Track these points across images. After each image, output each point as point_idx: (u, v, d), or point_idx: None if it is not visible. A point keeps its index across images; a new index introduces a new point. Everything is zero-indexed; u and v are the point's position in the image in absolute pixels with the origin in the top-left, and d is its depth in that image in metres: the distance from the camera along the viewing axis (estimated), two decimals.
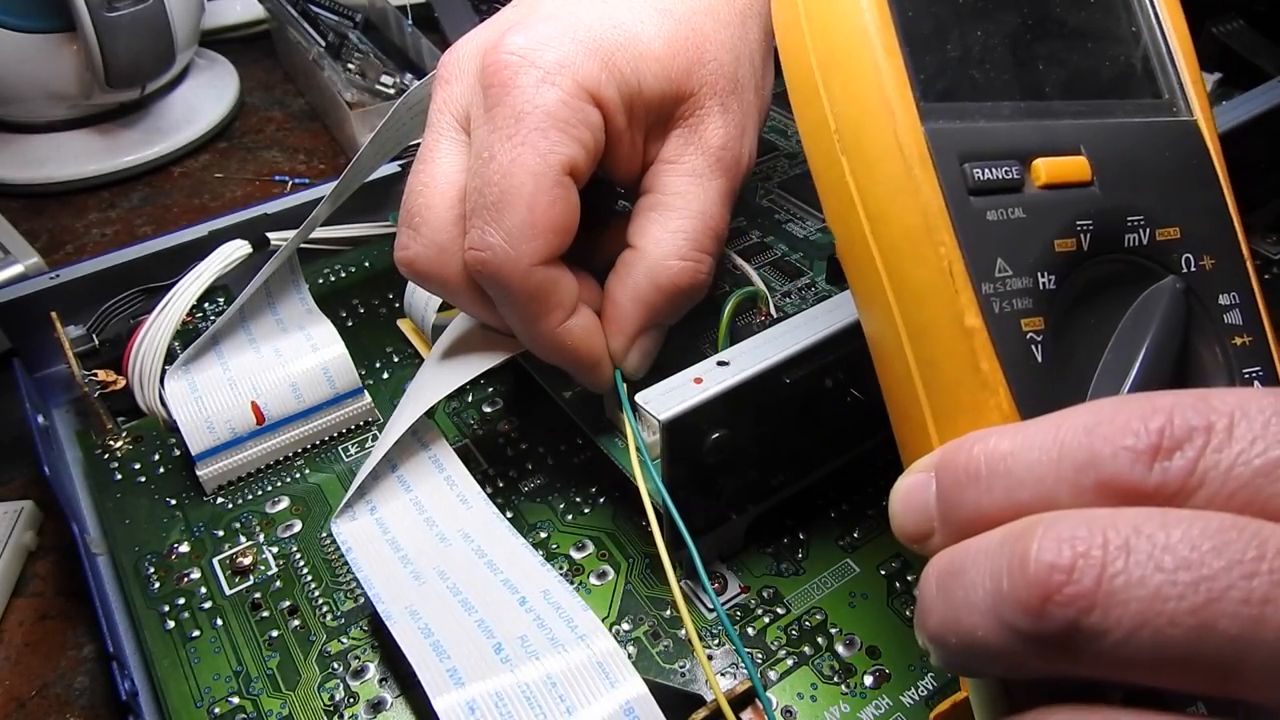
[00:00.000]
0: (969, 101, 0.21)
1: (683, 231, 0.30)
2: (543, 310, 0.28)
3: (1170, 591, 0.14)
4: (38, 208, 0.57)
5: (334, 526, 0.31)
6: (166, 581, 0.32)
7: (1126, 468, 0.16)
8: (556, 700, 0.25)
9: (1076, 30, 0.23)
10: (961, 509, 0.18)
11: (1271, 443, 0.15)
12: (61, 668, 0.33)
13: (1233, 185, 0.23)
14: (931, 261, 0.20)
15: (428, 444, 0.33)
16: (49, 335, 0.38)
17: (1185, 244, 0.21)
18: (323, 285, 0.45)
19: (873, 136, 0.21)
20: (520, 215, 0.27)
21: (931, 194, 0.20)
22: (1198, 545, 0.14)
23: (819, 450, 0.32)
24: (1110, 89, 0.23)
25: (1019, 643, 0.16)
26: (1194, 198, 0.22)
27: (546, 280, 0.28)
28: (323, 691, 0.29)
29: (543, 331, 0.29)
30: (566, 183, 0.27)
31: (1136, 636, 0.14)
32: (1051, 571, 0.15)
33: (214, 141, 0.63)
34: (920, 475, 0.19)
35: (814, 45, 0.22)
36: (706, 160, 0.30)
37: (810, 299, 0.38)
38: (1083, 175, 0.21)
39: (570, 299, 0.29)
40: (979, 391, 0.19)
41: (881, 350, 0.22)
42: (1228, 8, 0.53)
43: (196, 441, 0.35)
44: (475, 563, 0.29)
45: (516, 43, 0.27)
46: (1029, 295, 0.20)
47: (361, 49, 0.65)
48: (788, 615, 0.30)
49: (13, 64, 0.55)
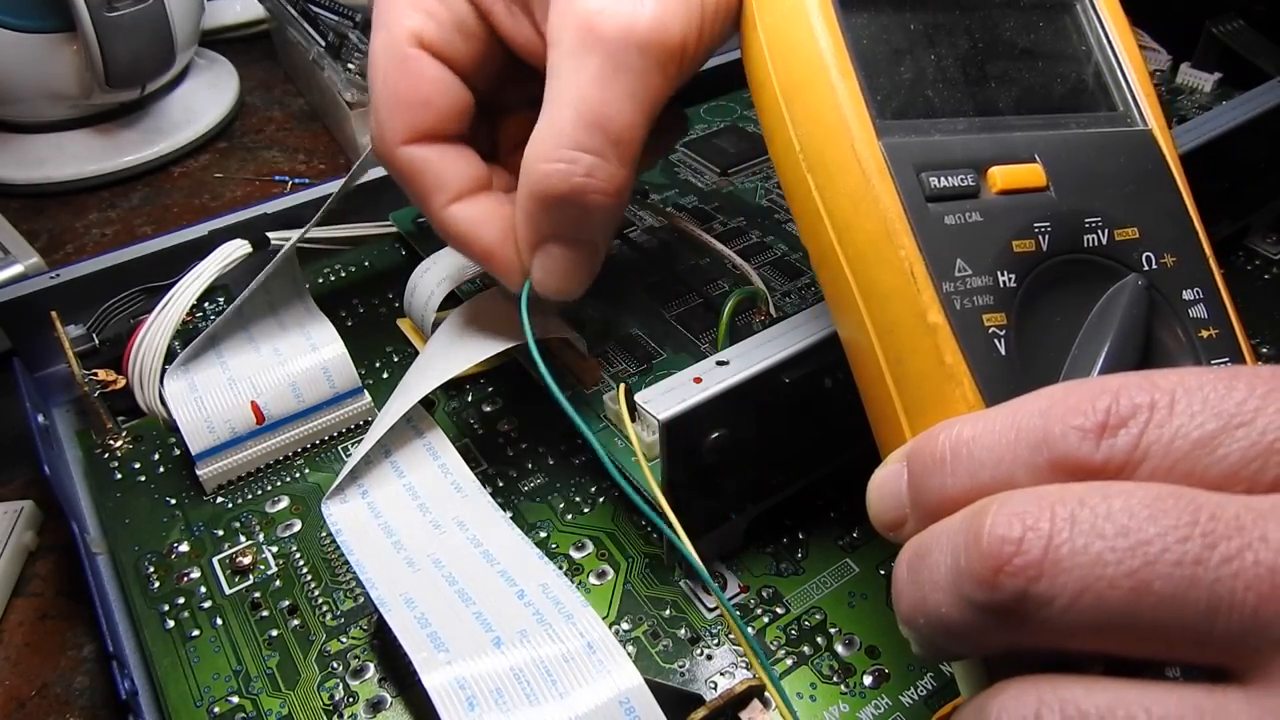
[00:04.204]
0: (924, 118, 0.23)
1: (550, 127, 0.25)
2: (421, 191, 0.29)
3: (1109, 557, 0.15)
4: (38, 208, 0.57)
5: (324, 508, 0.31)
6: (166, 581, 0.32)
7: (1075, 445, 0.17)
8: (550, 684, 0.25)
9: (1028, 50, 0.25)
10: (929, 494, 0.19)
11: (1209, 416, 0.16)
12: (61, 668, 0.33)
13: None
14: (894, 264, 0.21)
15: (422, 431, 0.33)
16: (49, 335, 0.38)
17: (1145, 243, 0.23)
18: (323, 285, 0.45)
19: (833, 153, 0.23)
20: (379, 96, 0.28)
21: (890, 202, 0.22)
22: (1136, 513, 0.15)
23: (819, 450, 0.32)
24: (1064, 103, 0.25)
25: (977, 616, 0.16)
26: (1151, 200, 0.24)
27: (416, 159, 0.28)
28: (322, 691, 0.29)
29: (430, 213, 0.29)
30: (416, 54, 0.28)
31: (1080, 601, 0.15)
32: (1002, 544, 0.16)
33: (214, 141, 0.63)
34: (893, 466, 0.20)
35: (776, 74, 0.24)
36: (577, 33, 0.24)
37: (810, 299, 0.38)
38: (1038, 181, 0.23)
39: (454, 183, 0.29)
40: (945, 383, 0.21)
41: (855, 352, 0.24)
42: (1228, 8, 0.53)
43: (196, 441, 0.35)
44: (471, 552, 0.29)
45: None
46: (989, 293, 0.21)
47: (361, 49, 0.65)
48: (787, 615, 0.30)
49: (13, 64, 0.55)
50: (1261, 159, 0.41)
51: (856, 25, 0.24)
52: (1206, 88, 0.52)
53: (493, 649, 0.26)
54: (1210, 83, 0.52)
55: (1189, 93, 0.52)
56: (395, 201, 0.46)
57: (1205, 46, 0.53)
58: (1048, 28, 0.26)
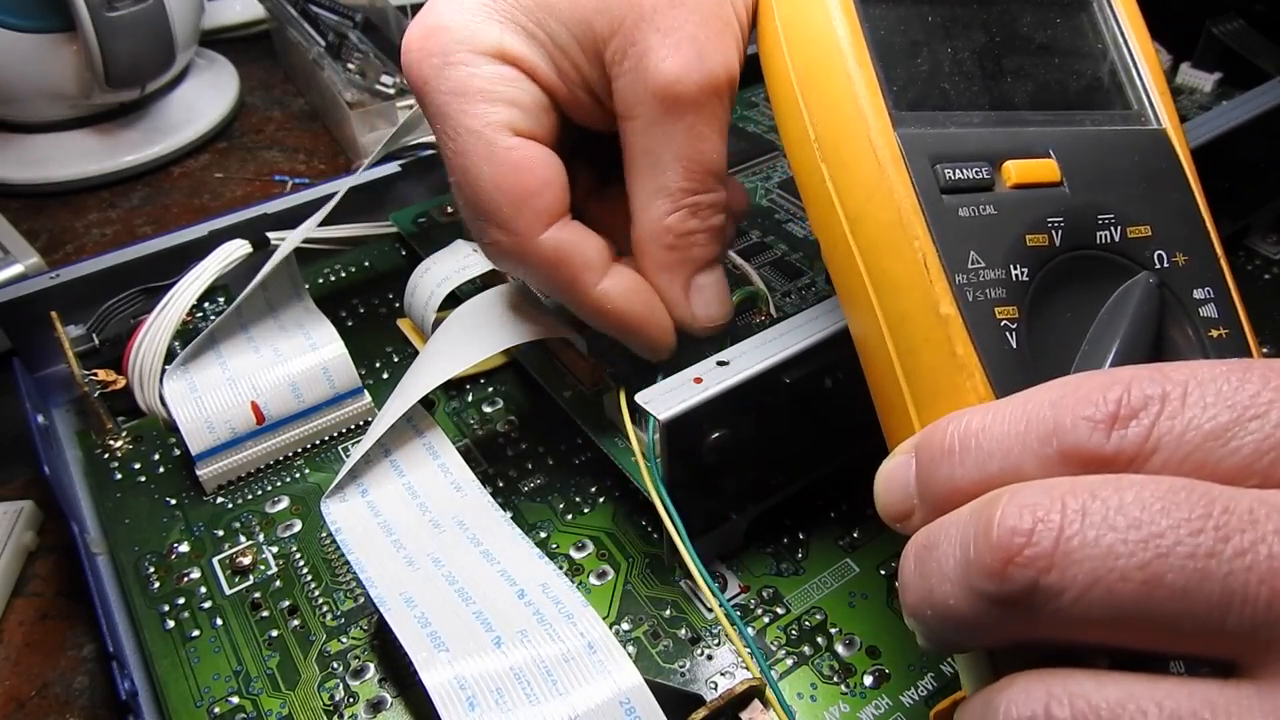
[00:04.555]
0: (940, 111, 0.23)
1: (662, 191, 0.27)
2: (571, 275, 0.27)
3: (1121, 550, 0.15)
4: (38, 208, 0.57)
5: (323, 506, 0.31)
6: (166, 581, 0.32)
7: (1086, 436, 0.17)
8: (550, 684, 0.25)
9: (1044, 46, 0.25)
10: (937, 485, 0.19)
11: (1221, 408, 0.16)
12: (61, 668, 0.33)
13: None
14: (907, 255, 0.21)
15: (422, 430, 0.33)
16: (49, 335, 0.38)
17: (1156, 241, 0.23)
18: (323, 285, 0.45)
19: (848, 143, 0.23)
20: (494, 201, 0.26)
21: (905, 192, 0.22)
22: (1148, 506, 0.15)
23: (819, 450, 0.32)
24: (1079, 100, 0.25)
25: (986, 607, 0.16)
26: (1164, 199, 0.23)
27: (560, 243, 0.27)
28: (322, 691, 0.29)
29: (582, 299, 0.28)
30: (519, 143, 0.27)
31: (1091, 593, 0.15)
32: (1013, 535, 0.16)
33: (214, 141, 0.63)
34: (902, 457, 0.20)
35: (793, 64, 0.24)
36: (662, 105, 0.26)
37: (810, 299, 0.38)
38: (1052, 176, 0.23)
39: (598, 258, 0.28)
40: (956, 375, 0.21)
41: (865, 344, 0.23)
42: (1228, 8, 0.53)
43: (196, 441, 0.35)
44: (470, 550, 0.29)
45: (414, 37, 0.27)
46: (1002, 285, 0.21)
47: (361, 49, 0.65)
48: (787, 615, 0.30)
49: (13, 64, 0.55)
50: (1261, 159, 0.41)
51: (874, 16, 0.23)
52: (1206, 88, 0.52)
53: (493, 649, 0.26)
54: (1210, 83, 0.52)
55: (1189, 93, 0.52)
56: (395, 201, 0.46)
57: (1205, 46, 0.53)
58: (1064, 24, 0.26)
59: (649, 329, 0.29)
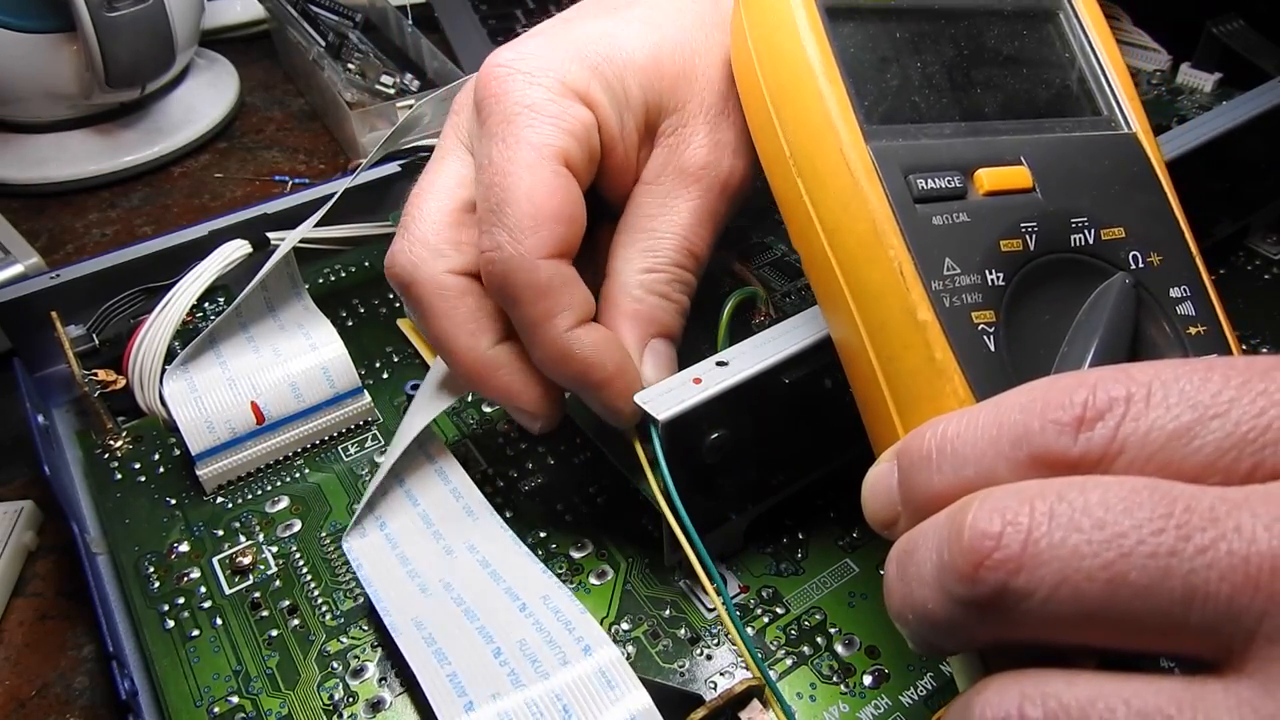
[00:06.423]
0: (911, 123, 0.24)
1: (651, 253, 0.30)
2: (552, 309, 0.27)
3: (1086, 550, 0.15)
4: (38, 208, 0.57)
5: (345, 544, 0.31)
6: (166, 581, 0.32)
7: (1054, 439, 0.17)
8: (561, 712, 0.25)
9: (1012, 58, 0.26)
10: (917, 491, 0.19)
11: (1184, 408, 0.16)
12: (61, 668, 0.33)
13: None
14: (883, 263, 0.22)
15: (433, 456, 0.33)
16: (49, 335, 0.38)
17: (1131, 242, 0.23)
18: (323, 285, 0.45)
19: (823, 158, 0.23)
20: (521, 208, 0.26)
21: (879, 203, 0.22)
22: (1112, 506, 0.16)
23: (819, 450, 0.32)
24: (1049, 109, 0.25)
25: (961, 610, 0.17)
26: (1137, 201, 0.24)
27: (556, 276, 0.27)
28: (322, 691, 0.29)
29: (551, 336, 0.27)
30: (564, 173, 0.27)
31: (1058, 594, 0.16)
32: (983, 539, 0.16)
33: (214, 141, 0.63)
34: (885, 465, 0.20)
35: (766, 83, 0.25)
36: (683, 181, 0.30)
37: (810, 299, 0.37)
38: (1024, 183, 0.23)
39: (582, 305, 0.28)
40: (935, 379, 0.21)
41: (847, 352, 0.24)
42: (1228, 8, 0.53)
43: (196, 441, 0.35)
44: (479, 573, 0.30)
45: (504, 56, 0.28)
46: (978, 290, 0.22)
47: (361, 49, 0.65)
48: (787, 615, 0.30)
49: (13, 64, 0.55)
50: (1261, 159, 0.41)
51: (843, 34, 0.24)
52: (1206, 88, 0.52)
53: (492, 660, 0.26)
54: (1210, 83, 0.52)
55: (1189, 93, 0.52)
56: (395, 201, 0.46)
57: (1205, 46, 0.53)
58: (1031, 36, 0.26)
59: (613, 385, 0.28)
